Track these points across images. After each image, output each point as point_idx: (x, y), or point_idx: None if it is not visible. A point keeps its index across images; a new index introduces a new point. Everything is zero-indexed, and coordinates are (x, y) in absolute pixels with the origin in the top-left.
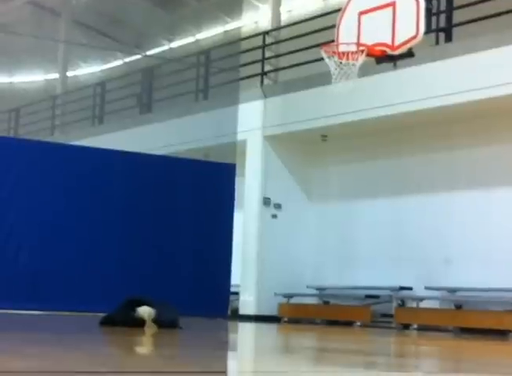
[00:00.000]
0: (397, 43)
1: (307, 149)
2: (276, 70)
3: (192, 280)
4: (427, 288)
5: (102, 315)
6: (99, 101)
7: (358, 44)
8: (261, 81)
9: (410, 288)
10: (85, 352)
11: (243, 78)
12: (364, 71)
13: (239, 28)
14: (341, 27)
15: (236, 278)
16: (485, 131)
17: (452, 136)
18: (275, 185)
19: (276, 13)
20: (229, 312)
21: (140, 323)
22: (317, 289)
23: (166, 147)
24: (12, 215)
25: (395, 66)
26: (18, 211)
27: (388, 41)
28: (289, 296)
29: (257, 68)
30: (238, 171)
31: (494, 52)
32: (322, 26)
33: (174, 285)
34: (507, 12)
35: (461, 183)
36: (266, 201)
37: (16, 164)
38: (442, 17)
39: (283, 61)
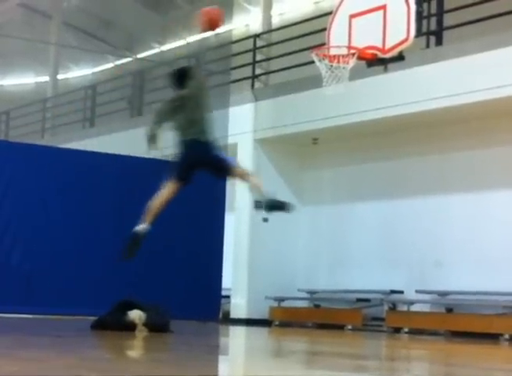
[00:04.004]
0: (388, 46)
1: (298, 152)
2: (267, 73)
3: (183, 283)
4: (418, 292)
5: (93, 318)
6: (90, 104)
7: (349, 47)
8: (252, 84)
9: (401, 292)
10: (76, 355)
11: (233, 81)
12: (355, 74)
13: (230, 31)
14: (332, 30)
15: (227, 281)
16: (477, 133)
17: (443, 139)
18: (267, 188)
19: (267, 16)
20: (220, 315)
21: (131, 326)
22: (308, 292)
23: (157, 150)
24: (3, 218)
25: (386, 70)
26: (9, 215)
27: (379, 44)
28: (280, 299)
29: (248, 71)
30: None
31: (485, 55)
32: (314, 29)
33: (165, 288)
34: (498, 15)
35: (453, 186)
36: (257, 205)
37: (6, 167)
38: (433, 20)
39: (274, 64)
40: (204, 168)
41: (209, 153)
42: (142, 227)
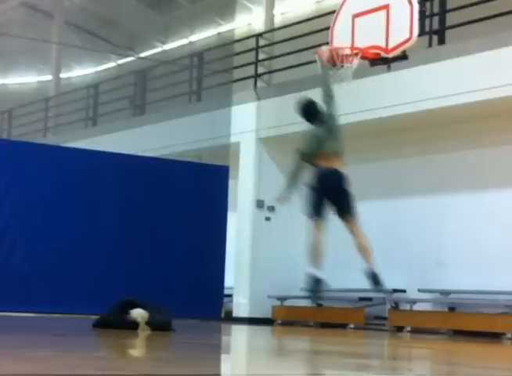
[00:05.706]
0: (391, 46)
1: None
2: (270, 72)
3: (185, 282)
4: (420, 291)
5: (95, 317)
6: (92, 103)
7: (353, 47)
8: (255, 84)
9: (404, 291)
10: (78, 354)
11: (236, 80)
12: (358, 73)
13: (232, 30)
14: (335, 30)
15: (229, 280)
16: (479, 133)
17: (445, 138)
18: (269, 187)
19: (270, 15)
20: (223, 314)
21: (133, 325)
22: None
23: (159, 149)
24: (4, 217)
25: (389, 69)
26: (11, 213)
27: (382, 43)
28: (282, 299)
29: (250, 70)
30: (231, 173)
31: (487, 55)
32: (316, 28)
33: (168, 287)
34: (500, 14)
35: (455, 186)
36: (259, 204)
37: (8, 166)
38: (436, 20)
39: (277, 63)
40: (333, 201)
41: (343, 186)
42: (313, 272)
